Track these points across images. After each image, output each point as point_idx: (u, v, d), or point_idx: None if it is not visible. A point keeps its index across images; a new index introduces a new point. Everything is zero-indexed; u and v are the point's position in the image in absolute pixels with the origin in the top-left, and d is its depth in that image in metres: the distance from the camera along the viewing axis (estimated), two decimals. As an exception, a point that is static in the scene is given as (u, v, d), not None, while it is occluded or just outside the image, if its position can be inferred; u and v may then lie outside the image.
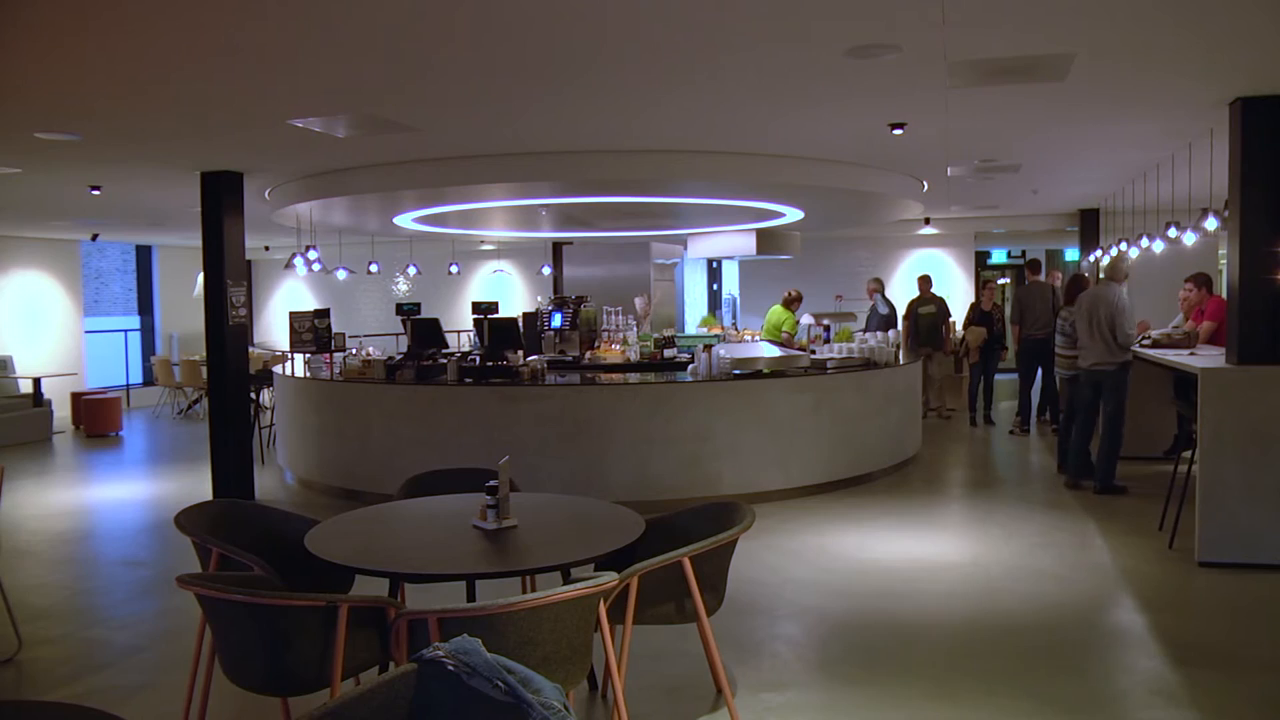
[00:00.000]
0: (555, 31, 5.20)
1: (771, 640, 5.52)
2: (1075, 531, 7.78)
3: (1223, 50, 5.90)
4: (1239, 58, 6.06)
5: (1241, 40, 5.69)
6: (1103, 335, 8.84)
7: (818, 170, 9.62)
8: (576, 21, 5.04)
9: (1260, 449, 6.72)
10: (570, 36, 5.31)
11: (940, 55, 5.77)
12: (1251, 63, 6.17)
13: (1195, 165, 9.11)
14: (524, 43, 5.38)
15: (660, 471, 8.50)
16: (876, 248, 17.96)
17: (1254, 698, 4.74)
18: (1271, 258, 7.05)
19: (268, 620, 3.45)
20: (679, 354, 11.01)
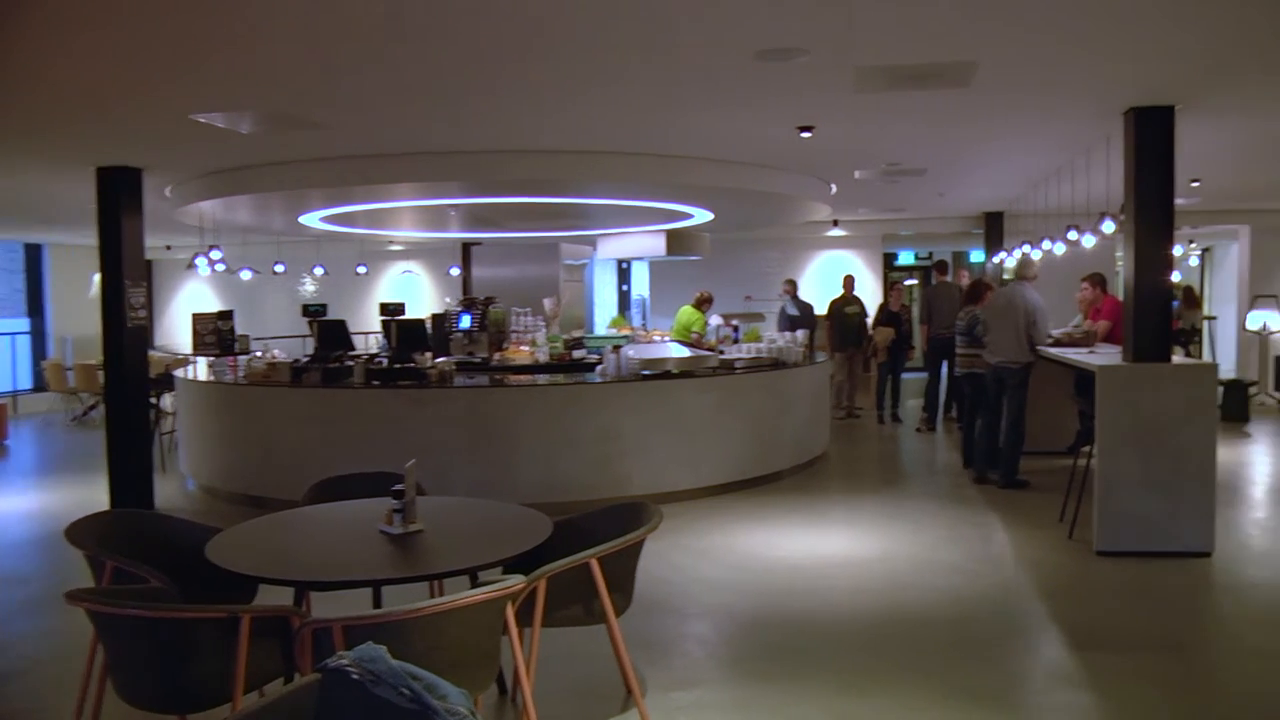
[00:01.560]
0: (464, 31, 5.17)
1: (681, 639, 5.55)
2: (980, 525, 7.98)
3: (1115, 63, 6.12)
4: (1130, 70, 6.30)
5: (1131, 54, 5.92)
6: (1017, 334, 9.07)
7: (727, 172, 9.70)
8: (486, 21, 5.02)
9: (1154, 443, 6.98)
10: (479, 37, 5.29)
11: (848, 60, 5.86)
12: (1141, 75, 6.42)
13: (1093, 171, 9.38)
14: (432, 42, 5.34)
15: (570, 473, 8.50)
16: (786, 249, 18.14)
17: (1148, 677, 4.96)
18: (1162, 260, 7.31)
19: (165, 635, 3.36)
20: (588, 355, 11.01)
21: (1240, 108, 7.59)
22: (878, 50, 5.69)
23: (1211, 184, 12.35)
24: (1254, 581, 6.64)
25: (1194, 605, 6.28)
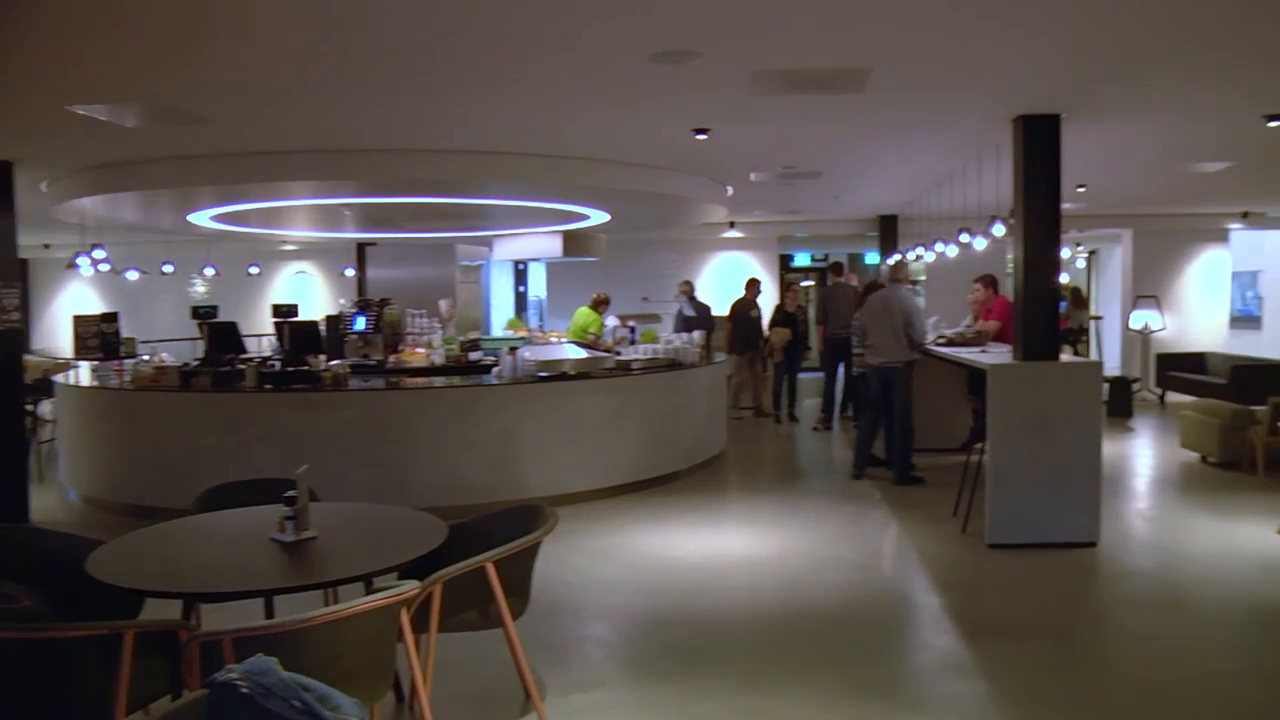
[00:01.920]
0: (358, 29, 5.10)
1: (580, 641, 5.55)
2: (876, 522, 8.13)
3: (1003, 74, 6.31)
4: (1017, 80, 6.48)
5: (1019, 65, 6.10)
6: (895, 335, 9.28)
7: (623, 173, 9.72)
8: (381, 18, 4.96)
9: (1042, 438, 7.20)
10: (374, 35, 5.22)
11: (742, 64, 5.91)
12: (1028, 85, 6.62)
13: (984, 176, 9.60)
14: (326, 37, 5.25)
15: (467, 476, 8.42)
16: (682, 250, 18.24)
17: (1037, 663, 5.13)
18: (1050, 263, 7.54)
19: (38, 657, 3.20)
20: (485, 357, 10.94)
21: (1119, 117, 7.86)
22: (772, 54, 5.75)
23: (1096, 189, 12.76)
24: (1136, 569, 6.90)
25: (1081, 593, 6.50)
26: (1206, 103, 7.45)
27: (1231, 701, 4.70)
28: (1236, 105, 7.53)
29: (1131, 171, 11.33)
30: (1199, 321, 17.32)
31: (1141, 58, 6.07)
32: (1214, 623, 5.86)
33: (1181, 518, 8.36)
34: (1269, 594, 6.34)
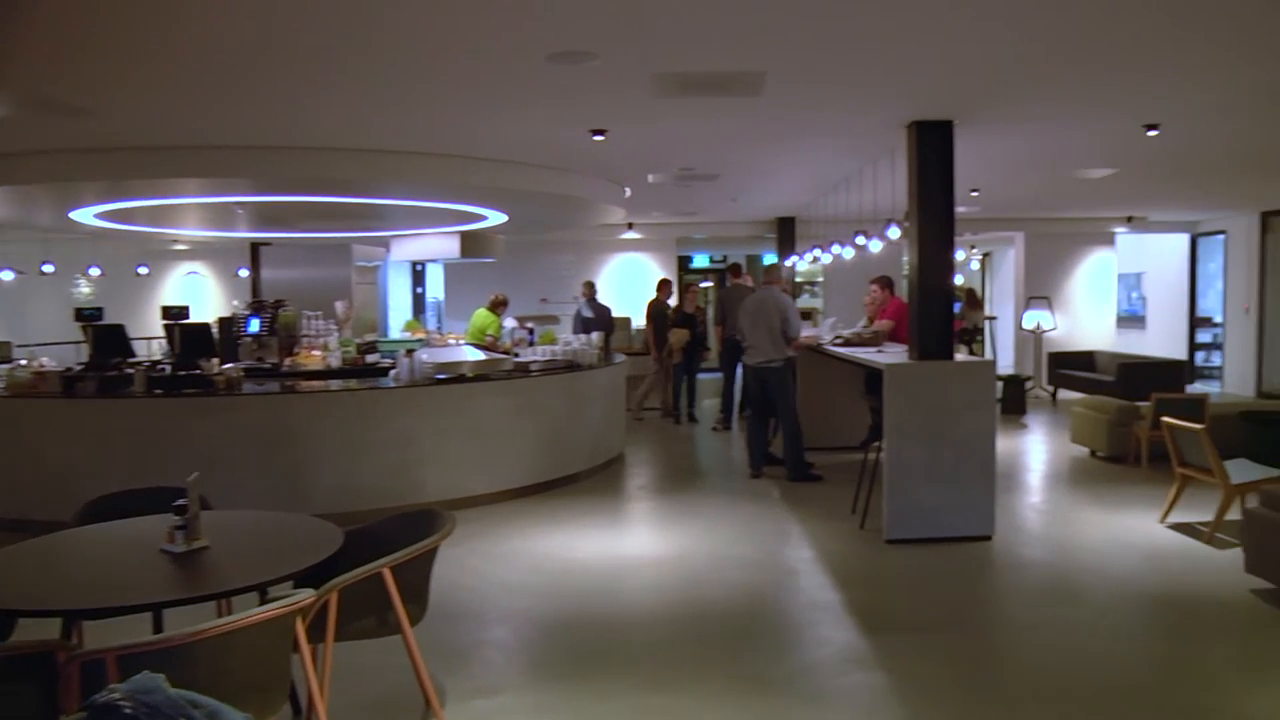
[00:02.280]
0: (253, 23, 4.97)
1: (480, 646, 5.48)
2: (775, 520, 8.19)
3: (897, 79, 6.41)
4: (911, 87, 6.60)
5: (912, 72, 6.21)
6: (771, 334, 9.48)
7: (521, 174, 9.66)
8: (274, 15, 4.84)
9: (938, 436, 7.36)
10: (268, 30, 5.10)
11: (639, 65, 5.90)
12: (922, 92, 6.75)
13: (880, 179, 9.76)
14: (217, 31, 5.10)
15: (365, 481, 8.27)
16: (581, 251, 18.21)
17: (934, 654, 5.25)
18: (944, 265, 7.67)
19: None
20: (382, 359, 10.78)
21: (1010, 125, 8.06)
22: (669, 56, 5.76)
23: (989, 193, 13.06)
24: (1029, 560, 7.06)
25: (976, 585, 6.63)
26: (1091, 113, 7.70)
27: (1118, 684, 4.83)
28: (1119, 116, 7.80)
29: (1022, 177, 11.62)
30: (1088, 321, 17.88)
31: (1029, 70, 6.27)
32: (1102, 609, 6.05)
33: (1072, 510, 8.58)
34: (1153, 581, 6.56)
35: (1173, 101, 7.31)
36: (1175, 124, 8.09)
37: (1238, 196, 14.58)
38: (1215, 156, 10.19)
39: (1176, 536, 7.54)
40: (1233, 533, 7.24)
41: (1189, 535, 7.55)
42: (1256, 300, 16.54)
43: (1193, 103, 7.38)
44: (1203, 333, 18.46)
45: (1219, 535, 7.39)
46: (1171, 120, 7.95)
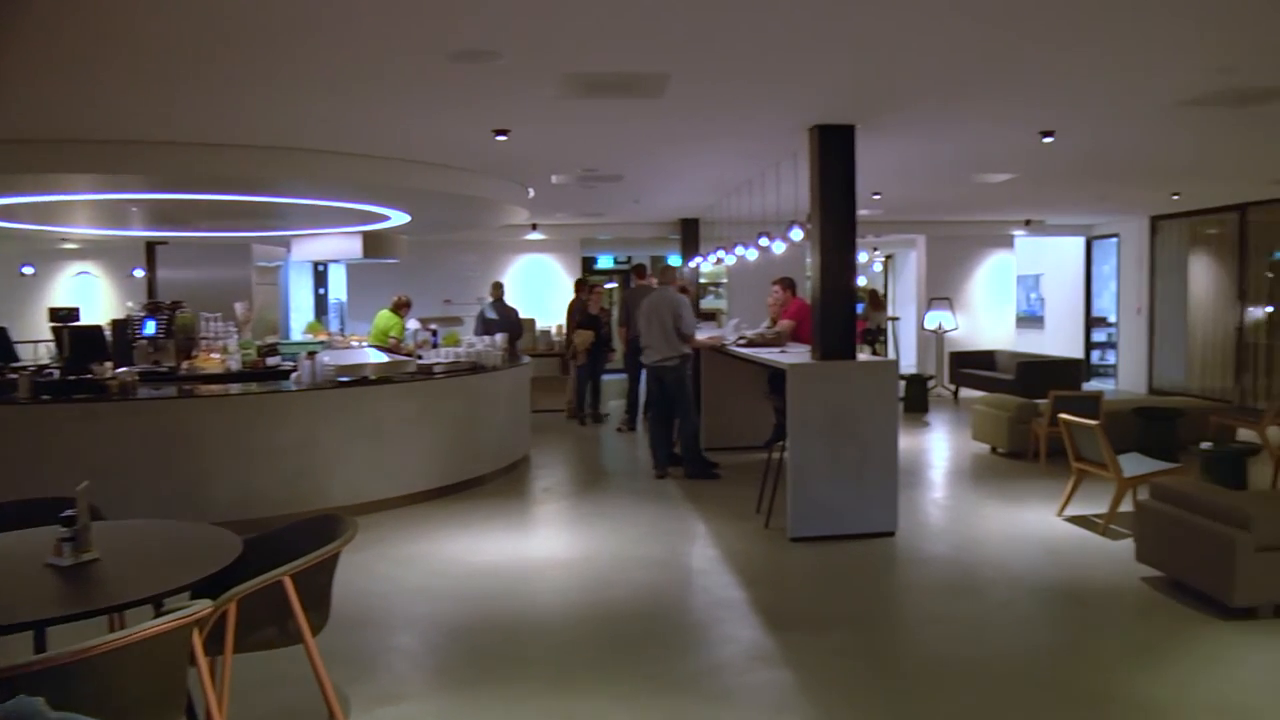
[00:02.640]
0: (145, 14, 4.82)
1: (385, 653, 5.38)
2: (680, 520, 8.22)
3: (800, 84, 6.47)
4: (813, 91, 6.67)
5: (814, 77, 6.27)
6: (666, 333, 9.59)
7: (423, 173, 9.54)
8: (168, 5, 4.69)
9: (841, 434, 7.44)
10: (162, 21, 4.94)
11: (542, 65, 5.86)
12: (823, 95, 6.81)
13: (783, 182, 9.83)
14: (103, 17, 4.92)
15: (266, 487, 8.08)
16: (485, 252, 18.06)
17: (839, 650, 5.32)
18: (847, 266, 7.76)
19: None
20: (283, 362, 10.56)
21: (910, 130, 8.19)
22: (572, 57, 5.74)
23: (891, 197, 13.26)
24: (932, 555, 7.18)
25: (880, 581, 6.73)
26: (989, 120, 7.88)
27: (1017, 672, 4.97)
28: (1016, 123, 7.99)
29: (923, 180, 11.83)
30: (988, 321, 18.27)
31: (928, 78, 6.39)
32: (1002, 601, 6.18)
33: (973, 505, 8.74)
34: (1051, 572, 6.74)
35: (1066, 110, 7.51)
36: (1069, 131, 8.32)
37: (1129, 202, 15.04)
38: (1107, 163, 10.49)
39: (1073, 529, 7.74)
40: (1126, 524, 7.51)
41: (1085, 527, 7.76)
42: (1147, 301, 17.08)
43: (1085, 111, 7.60)
44: (1098, 332, 19.01)
45: (1113, 527, 7.62)
46: (1065, 128, 8.17)
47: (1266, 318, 14.70)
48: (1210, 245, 15.85)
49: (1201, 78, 6.50)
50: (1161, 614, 5.82)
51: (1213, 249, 15.79)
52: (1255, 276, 14.91)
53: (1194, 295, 16.15)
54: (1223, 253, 15.51)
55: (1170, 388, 16.49)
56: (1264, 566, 5.55)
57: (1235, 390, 15.05)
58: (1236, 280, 15.13)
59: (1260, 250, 14.83)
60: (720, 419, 11.41)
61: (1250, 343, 14.97)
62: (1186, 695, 4.64)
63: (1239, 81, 6.57)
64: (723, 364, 11.00)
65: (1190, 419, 10.68)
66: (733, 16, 4.99)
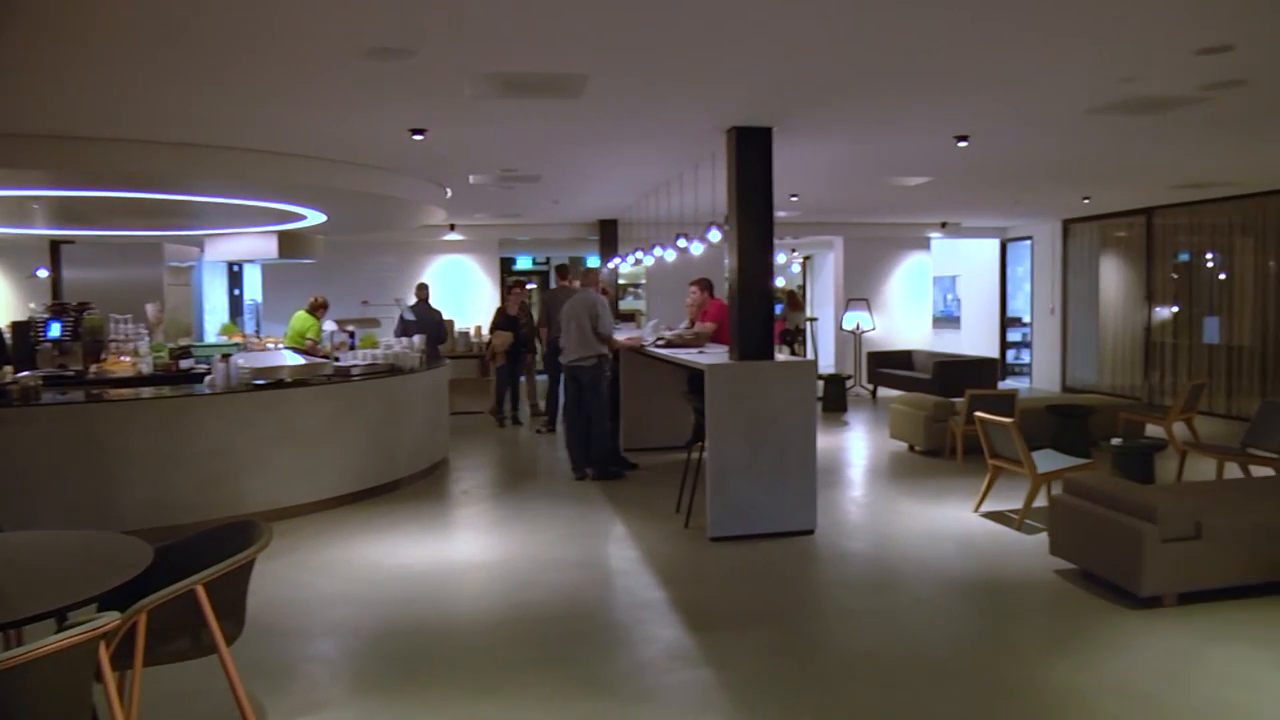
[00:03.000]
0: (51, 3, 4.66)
1: (303, 661, 5.28)
2: (599, 521, 8.21)
3: (716, 86, 6.48)
4: (730, 93, 6.69)
5: (731, 79, 6.30)
6: (582, 333, 9.67)
7: (339, 172, 9.40)
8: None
9: (757, 434, 7.47)
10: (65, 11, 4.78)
11: (459, 64, 5.81)
12: (741, 98, 6.85)
13: (700, 183, 9.87)
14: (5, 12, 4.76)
15: (179, 493, 7.89)
16: (403, 252, 17.83)
17: (760, 647, 5.36)
18: (764, 267, 7.79)
19: None
20: (197, 365, 10.33)
21: (827, 133, 8.27)
22: (490, 56, 5.69)
23: (808, 198, 13.37)
24: (851, 553, 7.24)
25: (799, 578, 6.77)
26: (905, 124, 7.99)
27: (935, 664, 5.06)
28: (931, 127, 8.10)
29: (841, 183, 11.94)
30: (905, 322, 18.53)
31: (844, 82, 6.47)
32: (920, 595, 6.28)
33: (891, 502, 8.84)
34: (967, 566, 6.86)
35: (980, 115, 7.65)
36: (983, 136, 8.47)
37: (1041, 205, 15.37)
38: (1020, 167, 10.72)
39: (989, 524, 7.87)
40: (1040, 518, 7.67)
41: (1000, 522, 7.89)
42: (1060, 302, 17.46)
43: (998, 117, 7.75)
44: (1013, 332, 19.40)
45: (1027, 521, 7.78)
46: (980, 132, 8.32)
47: (1172, 317, 15.12)
48: (1119, 247, 16.26)
49: (1107, 86, 6.69)
50: (1073, 604, 5.97)
51: (1122, 251, 16.19)
52: (1161, 278, 15.35)
53: (1104, 296, 16.55)
54: (1131, 255, 15.91)
55: (1082, 386, 16.88)
56: (1169, 557, 5.75)
57: (1144, 387, 15.45)
58: (1144, 281, 15.55)
59: (1166, 252, 15.25)
60: (640, 420, 11.42)
61: (1157, 342, 15.39)
62: (1095, 681, 4.78)
63: (1141, 91, 6.78)
64: (642, 365, 11.01)
65: (1101, 416, 10.95)
66: (651, 18, 4.98)
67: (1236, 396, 13.76)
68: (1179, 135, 8.58)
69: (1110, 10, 5.02)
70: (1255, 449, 8.66)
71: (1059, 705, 4.53)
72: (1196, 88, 6.70)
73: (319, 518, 8.37)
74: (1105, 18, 5.14)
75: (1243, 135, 8.71)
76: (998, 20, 5.12)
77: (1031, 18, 5.09)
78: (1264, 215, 13.33)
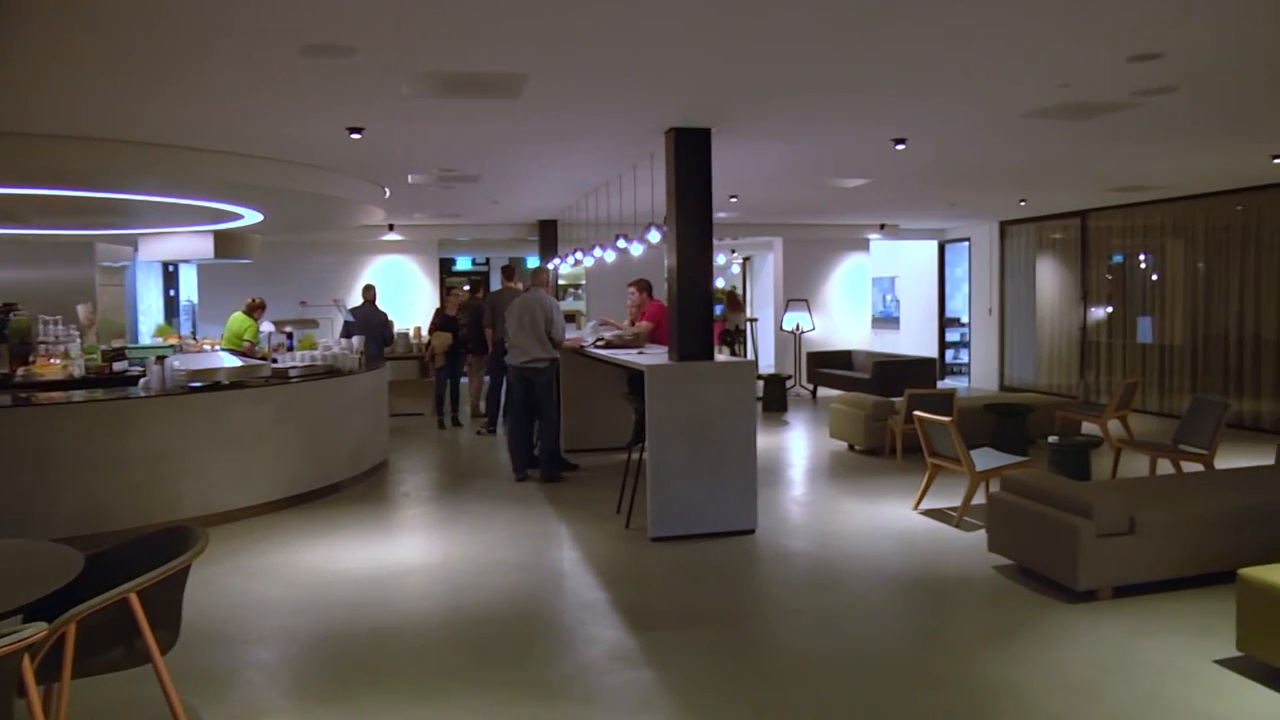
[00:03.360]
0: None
1: (241, 669, 5.19)
2: (540, 522, 8.18)
3: (655, 87, 6.49)
4: (668, 94, 6.70)
5: (670, 80, 6.30)
6: (537, 335, 9.63)
7: (276, 171, 9.27)
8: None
9: (697, 434, 7.49)
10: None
11: (397, 62, 5.75)
12: (679, 99, 6.85)
13: (640, 184, 9.86)
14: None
15: (111, 499, 7.72)
16: (342, 253, 17.62)
17: (701, 647, 5.36)
18: (702, 267, 7.81)
19: None
20: (130, 367, 10.15)
21: (766, 133, 8.29)
22: (428, 55, 5.64)
23: (748, 199, 13.42)
24: (792, 551, 7.28)
25: (741, 578, 6.79)
26: (843, 126, 8.04)
27: (876, 660, 5.12)
28: (869, 130, 8.16)
29: (780, 184, 12.00)
30: (845, 322, 18.66)
31: (780, 84, 6.50)
32: (860, 593, 6.34)
33: (832, 501, 8.89)
34: (907, 563, 6.93)
35: (918, 118, 7.73)
36: (921, 139, 8.55)
37: (979, 207, 15.56)
38: (957, 170, 10.84)
39: (928, 521, 7.95)
40: (978, 515, 7.77)
41: (939, 520, 7.98)
42: (998, 302, 17.69)
43: (936, 120, 7.83)
44: (951, 332, 19.62)
45: (966, 518, 7.87)
46: (917, 135, 8.40)
47: (1107, 317, 15.39)
48: (1055, 249, 16.50)
49: (1043, 91, 6.79)
50: (1012, 600, 6.05)
51: (1058, 253, 16.44)
52: (1096, 279, 15.61)
53: (1041, 296, 16.81)
54: (1067, 256, 16.16)
55: (1020, 384, 17.12)
56: (1105, 552, 5.86)
57: (1080, 386, 15.70)
58: (1080, 282, 15.80)
59: (1100, 254, 15.52)
60: (580, 420, 11.41)
61: (1093, 341, 15.66)
62: (1034, 675, 4.85)
63: (1075, 96, 6.90)
64: (582, 366, 10.98)
65: (1038, 414, 11.10)
66: (590, 18, 4.97)
67: (1169, 394, 14.04)
68: (1113, 140, 8.74)
69: (1043, 18, 5.09)
70: (1186, 445, 8.83)
71: (997, 698, 4.59)
72: (1128, 94, 6.84)
73: (258, 522, 8.26)
74: (1039, 25, 5.22)
75: (1173, 140, 8.89)
76: (935, 26, 5.17)
77: (967, 24, 5.15)
78: (1194, 218, 13.60)
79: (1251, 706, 4.48)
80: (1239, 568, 4.95)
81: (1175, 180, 12.11)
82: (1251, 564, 5.10)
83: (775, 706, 4.58)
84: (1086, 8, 4.94)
